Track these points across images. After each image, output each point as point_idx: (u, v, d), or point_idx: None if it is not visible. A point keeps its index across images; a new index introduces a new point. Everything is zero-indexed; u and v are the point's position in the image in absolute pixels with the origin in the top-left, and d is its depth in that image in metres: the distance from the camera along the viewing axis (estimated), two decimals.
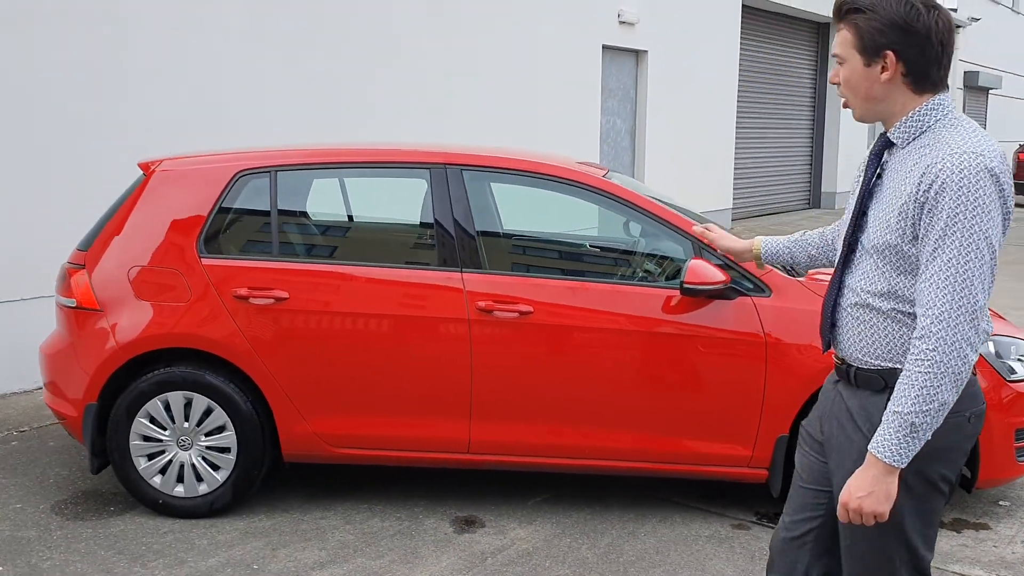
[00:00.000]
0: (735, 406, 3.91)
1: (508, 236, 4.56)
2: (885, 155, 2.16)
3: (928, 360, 1.97)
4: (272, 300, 3.97)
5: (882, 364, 2.12)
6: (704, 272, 3.76)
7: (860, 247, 2.16)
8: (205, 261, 4.05)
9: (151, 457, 4.08)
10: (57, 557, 3.74)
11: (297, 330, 3.97)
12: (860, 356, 2.16)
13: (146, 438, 4.06)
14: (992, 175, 1.95)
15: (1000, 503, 4.32)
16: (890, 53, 2.05)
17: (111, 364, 4.02)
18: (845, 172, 17.07)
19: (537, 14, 9.39)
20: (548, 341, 3.92)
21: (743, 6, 13.40)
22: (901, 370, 2.05)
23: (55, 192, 5.91)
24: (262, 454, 4.07)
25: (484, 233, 4.19)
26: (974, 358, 1.99)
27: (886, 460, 1.99)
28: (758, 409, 3.89)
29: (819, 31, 16.54)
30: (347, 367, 3.98)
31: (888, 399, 2.06)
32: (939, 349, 1.96)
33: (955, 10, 21.07)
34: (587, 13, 10.15)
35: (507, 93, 9.09)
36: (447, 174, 4.11)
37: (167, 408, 4.04)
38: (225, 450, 4.05)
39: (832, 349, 2.29)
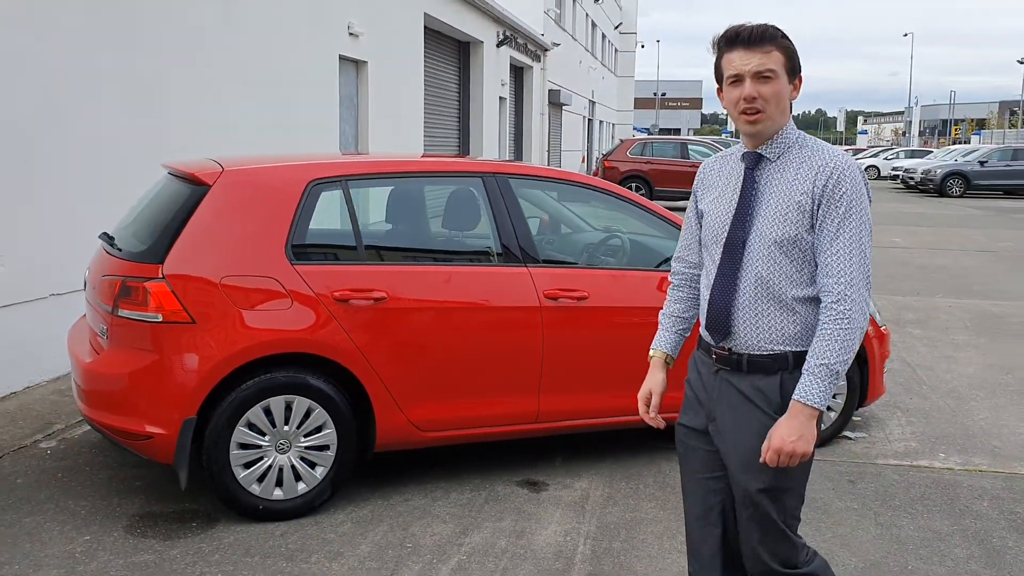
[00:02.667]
0: None
1: (550, 234, 5.21)
2: (757, 169, 2.51)
3: (846, 318, 2.36)
4: (372, 300, 4.24)
5: (774, 349, 2.47)
6: None
7: (747, 247, 2.48)
8: (298, 267, 4.18)
9: (247, 466, 4.12)
10: (208, 572, 3.72)
11: (394, 327, 4.29)
12: (754, 344, 2.49)
13: (243, 446, 4.10)
14: (862, 173, 2.45)
15: (874, 416, 5.92)
16: (800, 76, 2.50)
17: (215, 376, 4.00)
18: None
19: (282, 25, 9.47)
20: (600, 321, 4.69)
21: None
22: (788, 353, 2.45)
23: None
24: (358, 448, 4.31)
25: (535, 232, 4.82)
26: (868, 315, 2.43)
27: (815, 405, 2.36)
28: None
29: (460, 48, 18.17)
30: (437, 357, 4.39)
31: (780, 380, 2.46)
32: (853, 308, 2.36)
33: (543, 34, 24.13)
34: (325, 25, 10.51)
35: (251, 102, 8.92)
36: (497, 182, 4.67)
37: (267, 413, 4.11)
38: (323, 448, 4.23)
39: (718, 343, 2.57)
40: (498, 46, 19.28)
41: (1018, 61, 60.11)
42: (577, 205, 5.61)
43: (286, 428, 4.15)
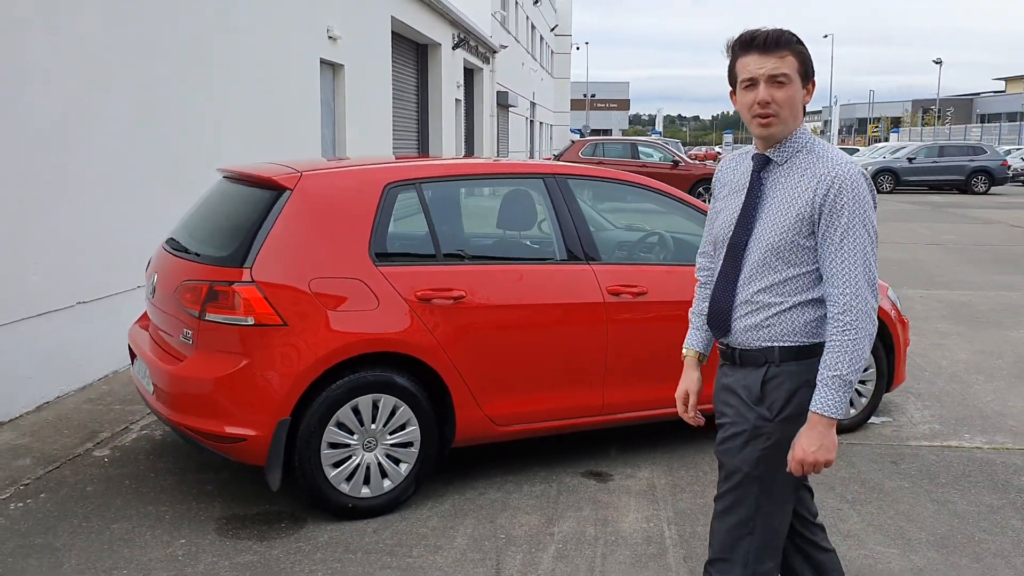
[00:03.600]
0: None
1: (605, 231, 5.35)
2: (764, 172, 2.56)
3: (854, 329, 2.40)
4: (452, 300, 4.34)
5: (763, 344, 2.55)
6: None
7: (748, 249, 2.54)
8: (381, 268, 4.26)
9: (336, 465, 4.18)
10: (316, 570, 3.78)
11: (472, 324, 4.40)
12: (746, 340, 2.58)
13: (333, 445, 4.16)
14: (866, 179, 2.47)
15: (891, 402, 6.21)
16: (813, 81, 2.53)
17: (308, 376, 4.06)
18: None
19: (272, 28, 9.42)
20: (658, 315, 4.86)
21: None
22: (776, 347, 2.53)
23: None
24: (439, 444, 4.41)
25: (595, 230, 4.97)
26: (877, 321, 2.48)
27: (832, 415, 2.41)
28: None
29: (418, 51, 18.21)
30: (512, 352, 4.51)
31: (765, 372, 2.54)
32: (860, 318, 2.40)
33: (491, 36, 24.28)
34: (307, 28, 10.50)
35: (243, 106, 8.83)
36: (557, 182, 4.82)
37: (356, 412, 4.19)
38: (407, 445, 4.32)
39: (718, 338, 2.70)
40: (454, 48, 19.38)
41: (934, 61, 62.45)
42: (627, 204, 5.78)
43: (373, 426, 4.23)
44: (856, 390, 5.55)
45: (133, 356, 4.91)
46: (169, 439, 5.30)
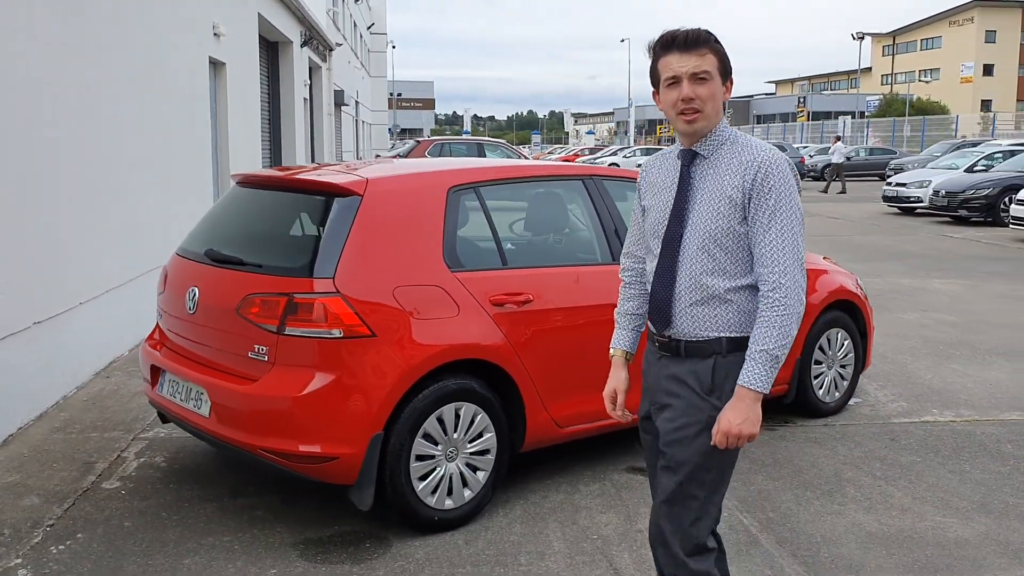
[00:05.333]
0: None
1: None
2: (692, 166, 2.64)
3: (783, 305, 2.48)
4: (521, 304, 4.30)
5: (708, 335, 2.61)
6: None
7: (683, 241, 2.60)
8: (456, 274, 4.16)
9: (423, 477, 4.06)
10: None
11: (540, 328, 4.37)
12: (691, 331, 2.62)
13: (420, 457, 4.04)
14: (790, 165, 2.57)
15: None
16: (731, 78, 2.62)
17: (400, 388, 3.91)
18: None
19: (160, 25, 8.72)
20: None
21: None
22: (722, 338, 2.59)
23: None
24: (511, 450, 4.37)
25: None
26: (805, 300, 2.56)
27: (758, 389, 2.48)
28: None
29: (269, 48, 17.55)
30: (573, 354, 4.51)
31: (714, 363, 2.60)
32: (789, 295, 2.48)
33: (327, 34, 23.74)
34: (196, 25, 9.93)
35: (135, 104, 7.93)
36: (595, 184, 4.86)
37: (440, 422, 4.08)
38: (485, 452, 4.24)
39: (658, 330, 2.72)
40: (302, 46, 18.83)
41: None
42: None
43: (455, 435, 4.13)
44: (839, 373, 5.93)
45: (155, 379, 4.53)
46: (176, 465, 4.93)
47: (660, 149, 47.76)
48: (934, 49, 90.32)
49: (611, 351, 2.94)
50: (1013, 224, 17.06)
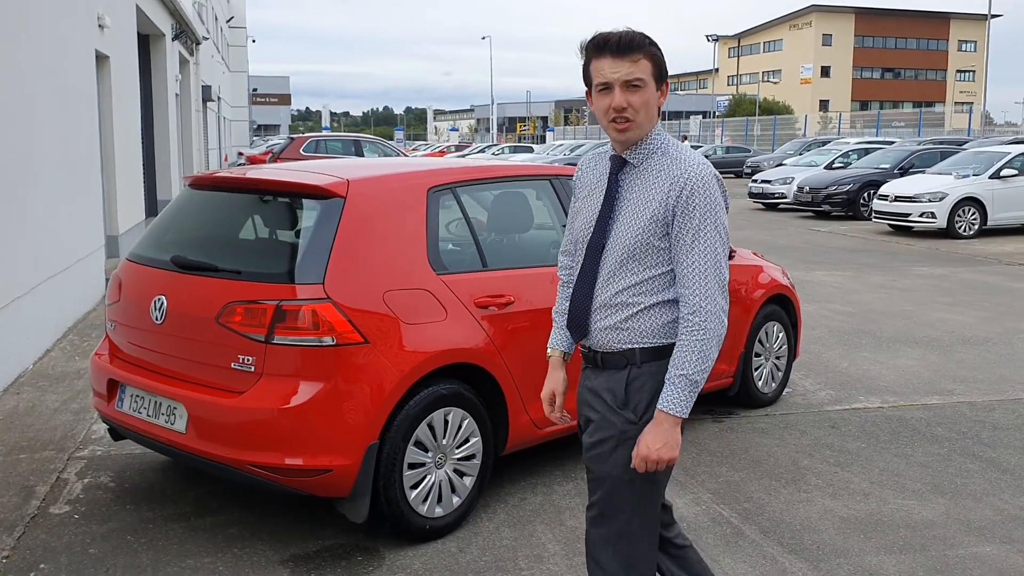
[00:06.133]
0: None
1: None
2: (621, 174, 2.54)
3: (703, 329, 2.41)
4: (504, 305, 4.26)
5: (624, 346, 2.52)
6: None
7: (605, 251, 2.52)
8: (441, 277, 4.08)
9: (414, 486, 3.96)
10: None
11: (519, 329, 4.33)
12: (607, 342, 2.54)
13: (411, 465, 3.94)
14: (717, 179, 2.48)
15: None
16: (667, 82, 2.51)
17: (394, 396, 3.81)
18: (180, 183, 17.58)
19: (43, 16, 8.11)
20: None
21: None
22: (636, 349, 2.50)
23: None
24: (494, 453, 4.32)
25: None
26: (727, 321, 2.48)
27: (677, 414, 2.41)
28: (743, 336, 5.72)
29: (141, 41, 16.71)
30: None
31: (628, 375, 2.52)
32: (709, 319, 2.41)
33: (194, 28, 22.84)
34: (82, 14, 9.36)
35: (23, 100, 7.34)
36: (564, 184, 4.86)
37: (431, 428, 3.99)
38: (471, 457, 4.18)
39: (579, 341, 2.65)
40: (173, 39, 18.04)
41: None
42: None
43: (444, 441, 4.05)
44: (775, 364, 6.14)
45: (112, 394, 4.25)
46: (126, 484, 4.64)
47: (529, 148, 48.42)
48: (775, 52, 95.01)
49: (548, 351, 2.84)
50: (876, 218, 18.11)
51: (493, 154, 50.17)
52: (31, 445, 5.18)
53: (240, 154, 37.66)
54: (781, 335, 6.18)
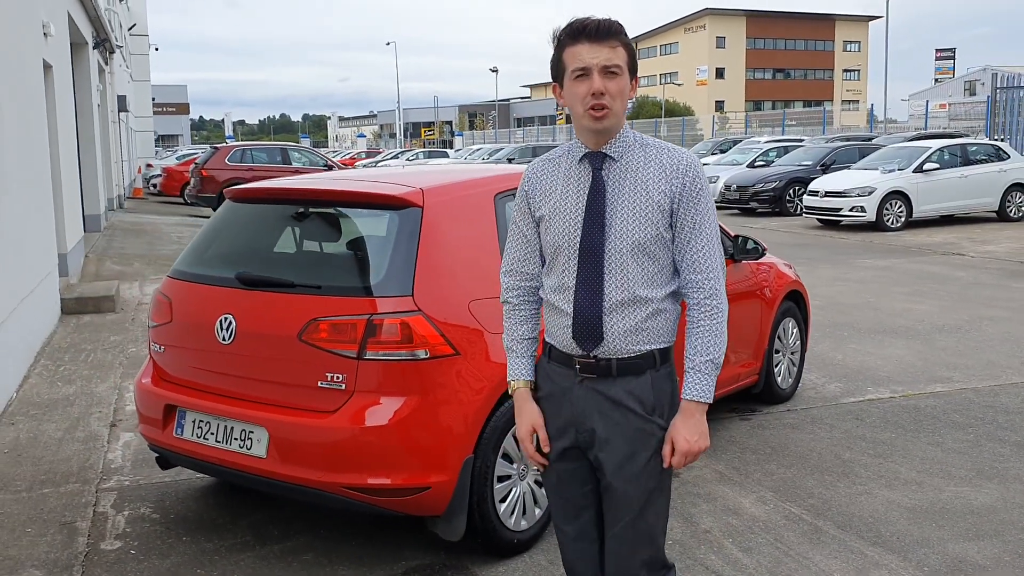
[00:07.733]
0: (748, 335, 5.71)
1: None
2: (603, 169, 2.42)
3: (721, 312, 2.41)
4: None
5: (643, 349, 2.42)
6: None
7: (606, 250, 2.39)
8: None
9: (503, 499, 3.87)
10: None
11: None
12: (624, 347, 2.41)
13: (500, 478, 3.85)
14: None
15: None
16: (637, 76, 2.43)
17: (486, 407, 3.71)
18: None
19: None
20: None
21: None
22: (655, 351, 2.43)
23: None
24: None
25: None
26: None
27: (705, 400, 2.39)
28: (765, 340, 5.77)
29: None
30: None
31: (650, 379, 2.42)
32: (722, 300, 2.42)
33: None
34: (28, 22, 8.89)
35: None
36: None
37: (514, 439, 3.90)
38: None
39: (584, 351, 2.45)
40: (95, 48, 17.32)
41: (491, 69, 68.05)
42: None
43: None
44: (791, 360, 6.23)
45: (167, 421, 4.02)
46: (171, 515, 4.41)
47: (444, 151, 48.10)
48: (672, 55, 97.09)
49: (511, 385, 2.60)
50: (807, 213, 18.63)
51: (408, 159, 49.90)
52: (51, 479, 4.87)
53: (149, 165, 36.43)
54: (795, 331, 6.27)
